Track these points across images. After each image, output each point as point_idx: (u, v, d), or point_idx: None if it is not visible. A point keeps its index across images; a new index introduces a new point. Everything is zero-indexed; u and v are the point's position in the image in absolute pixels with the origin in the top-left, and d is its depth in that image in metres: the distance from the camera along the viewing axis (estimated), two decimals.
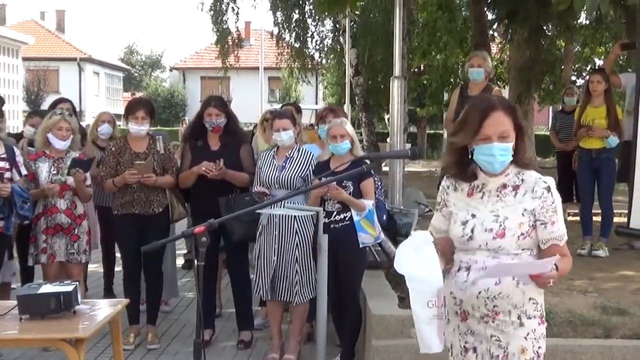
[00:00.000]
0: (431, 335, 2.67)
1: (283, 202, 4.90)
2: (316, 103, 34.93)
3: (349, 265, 4.97)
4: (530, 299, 2.75)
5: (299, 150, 5.35)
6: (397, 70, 7.08)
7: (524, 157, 2.77)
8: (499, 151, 2.68)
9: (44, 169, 5.58)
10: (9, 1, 57.63)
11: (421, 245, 2.71)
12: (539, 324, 2.78)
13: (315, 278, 5.08)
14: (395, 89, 7.05)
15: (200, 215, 5.33)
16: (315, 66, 21.04)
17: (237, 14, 17.33)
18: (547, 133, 17.54)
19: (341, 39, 17.99)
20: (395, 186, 7.09)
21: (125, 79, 51.76)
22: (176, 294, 6.95)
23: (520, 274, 2.70)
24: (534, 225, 2.74)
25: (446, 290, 2.79)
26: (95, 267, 7.55)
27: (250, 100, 30.08)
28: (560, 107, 9.27)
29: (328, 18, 18.05)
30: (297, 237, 5.17)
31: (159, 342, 5.70)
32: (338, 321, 5.15)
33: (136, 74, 56.19)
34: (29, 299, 3.76)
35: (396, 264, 2.72)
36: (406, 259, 2.70)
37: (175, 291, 6.89)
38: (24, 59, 37.76)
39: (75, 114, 6.65)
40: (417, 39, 17.53)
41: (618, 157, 7.05)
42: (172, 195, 5.70)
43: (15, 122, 30.20)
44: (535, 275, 2.63)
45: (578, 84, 15.85)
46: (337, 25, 18.18)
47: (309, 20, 18.41)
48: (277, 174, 5.25)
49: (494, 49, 17.02)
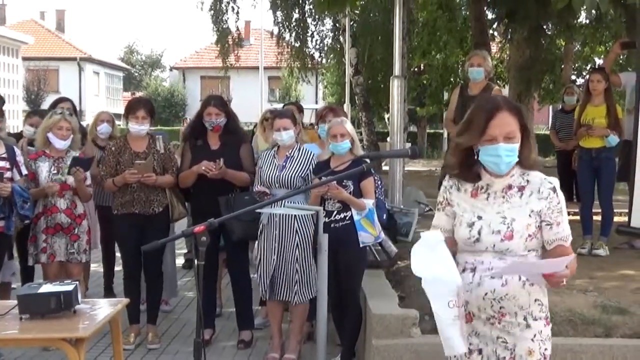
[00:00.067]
0: (454, 337, 2.62)
1: (283, 202, 4.90)
2: (316, 102, 34.92)
3: (349, 264, 4.96)
4: (535, 300, 2.74)
5: (299, 149, 5.34)
6: (397, 69, 7.09)
7: (529, 158, 2.75)
8: (505, 152, 2.66)
9: (44, 169, 5.57)
10: (9, 1, 57.74)
11: (435, 245, 2.66)
12: (544, 326, 2.77)
13: (315, 277, 5.07)
14: (395, 89, 7.06)
15: (200, 215, 5.33)
16: (315, 65, 21.04)
17: (237, 13, 17.38)
18: (547, 132, 17.56)
19: (341, 39, 18.02)
20: (396, 185, 7.10)
21: (125, 78, 51.74)
22: (176, 294, 6.95)
23: (535, 273, 2.67)
24: (540, 226, 2.73)
25: None
26: (95, 267, 7.54)
27: (250, 100, 30.09)
28: (560, 107, 9.28)
29: (328, 17, 18.08)
30: (297, 237, 5.16)
31: (159, 342, 5.69)
32: (338, 320, 5.14)
33: (136, 74, 56.19)
34: (29, 299, 3.76)
35: (413, 267, 2.65)
36: (422, 260, 2.64)
37: (175, 291, 6.89)
38: (24, 59, 37.73)
39: (76, 113, 6.65)
40: (417, 38, 17.54)
41: (618, 156, 7.05)
42: (172, 194, 5.69)
43: (15, 122, 30.20)
44: (548, 274, 2.60)
45: (578, 83, 15.89)
46: (337, 24, 18.20)
47: (309, 20, 18.43)
48: (278, 173, 5.24)
49: (494, 48, 17.02)
